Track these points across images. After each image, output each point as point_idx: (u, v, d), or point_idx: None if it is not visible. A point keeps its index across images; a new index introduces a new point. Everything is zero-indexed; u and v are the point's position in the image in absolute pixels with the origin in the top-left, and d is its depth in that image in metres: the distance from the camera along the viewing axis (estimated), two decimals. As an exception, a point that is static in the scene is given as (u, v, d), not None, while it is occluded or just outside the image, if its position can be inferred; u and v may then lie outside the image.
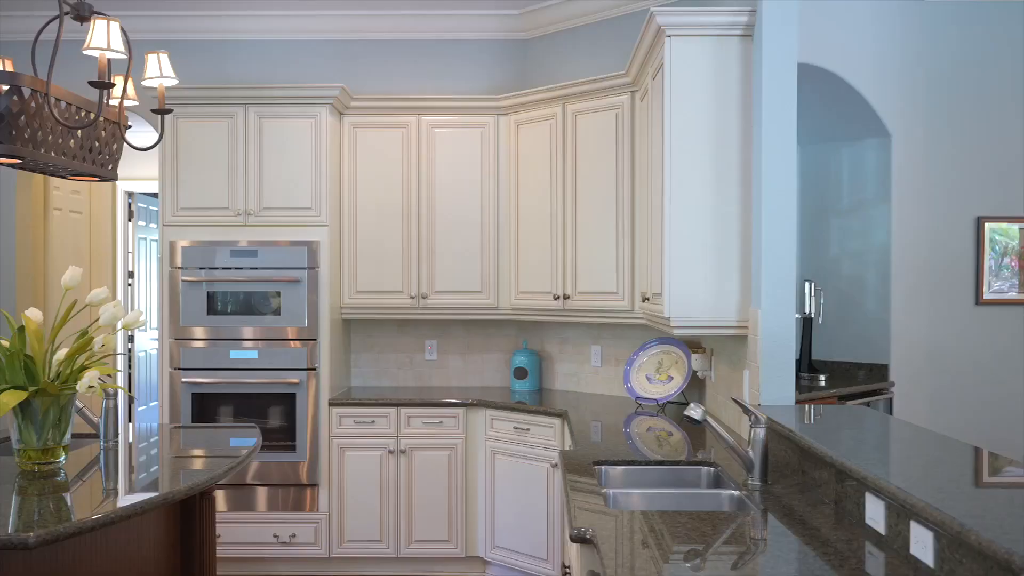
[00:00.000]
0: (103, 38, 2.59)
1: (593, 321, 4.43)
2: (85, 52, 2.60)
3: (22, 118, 2.56)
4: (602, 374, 4.78)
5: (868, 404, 4.74)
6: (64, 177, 3.09)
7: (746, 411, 2.63)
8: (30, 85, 2.57)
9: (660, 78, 3.44)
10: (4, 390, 2.64)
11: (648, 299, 3.75)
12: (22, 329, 2.75)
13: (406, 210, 4.80)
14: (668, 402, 4.27)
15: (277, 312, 4.53)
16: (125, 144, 5.50)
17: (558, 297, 4.51)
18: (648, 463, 2.92)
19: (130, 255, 8.29)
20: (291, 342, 4.54)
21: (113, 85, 2.67)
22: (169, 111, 3.08)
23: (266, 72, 5.08)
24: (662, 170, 3.38)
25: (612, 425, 3.72)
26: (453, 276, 4.79)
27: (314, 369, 4.55)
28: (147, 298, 9.52)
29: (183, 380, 4.53)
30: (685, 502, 2.59)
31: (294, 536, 4.54)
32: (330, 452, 4.55)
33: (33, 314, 2.86)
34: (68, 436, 2.79)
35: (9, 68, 3.04)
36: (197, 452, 3.17)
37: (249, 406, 4.54)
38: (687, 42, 3.30)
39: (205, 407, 4.55)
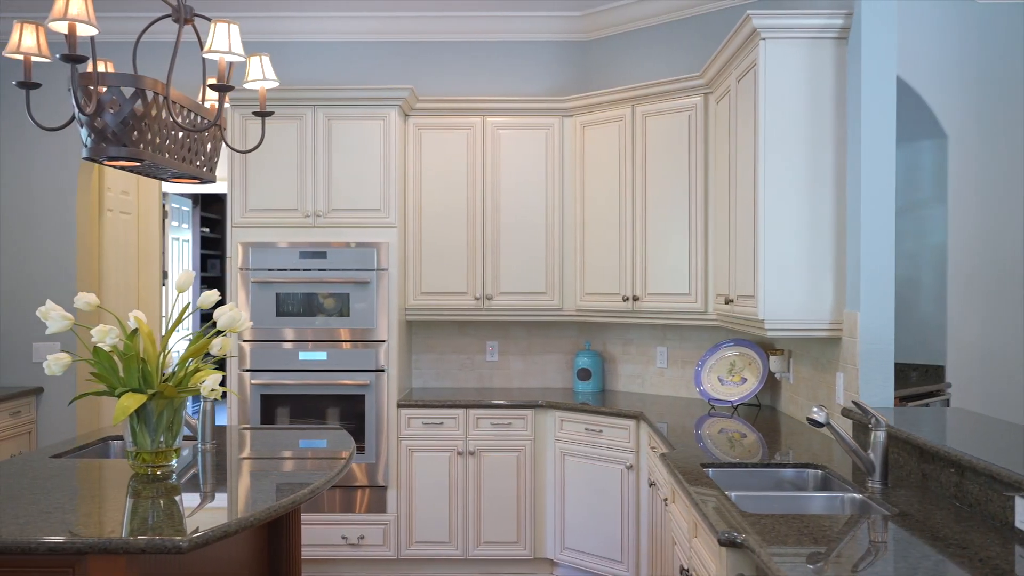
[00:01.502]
0: (224, 41, 2.58)
1: (661, 323, 4.43)
2: (205, 56, 2.60)
3: (144, 121, 2.56)
4: (667, 375, 4.78)
5: (927, 405, 4.75)
6: (165, 179, 3.09)
7: (865, 413, 2.64)
8: (151, 88, 2.57)
9: (751, 80, 3.44)
10: (123, 393, 2.64)
11: (732, 301, 3.75)
12: (135, 332, 2.75)
13: (470, 211, 4.80)
14: (741, 404, 4.27)
15: (346, 314, 4.53)
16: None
17: (627, 299, 4.51)
18: (754, 465, 2.93)
19: (162, 255, 8.30)
20: (360, 343, 4.54)
21: (233, 88, 2.66)
22: (270, 113, 3.08)
23: (328, 73, 5.08)
24: (754, 172, 3.38)
25: (691, 427, 3.72)
26: (518, 277, 4.80)
27: (383, 371, 4.54)
28: (183, 298, 9.52)
29: (252, 382, 4.53)
30: (810, 505, 2.59)
31: (363, 538, 4.54)
32: (399, 454, 4.56)
33: (140, 315, 2.86)
34: (180, 439, 2.79)
35: (111, 70, 3.03)
36: (303, 453, 3.17)
37: (318, 408, 4.54)
38: (781, 44, 3.30)
39: (274, 408, 4.55)
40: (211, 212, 11.60)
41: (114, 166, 2.68)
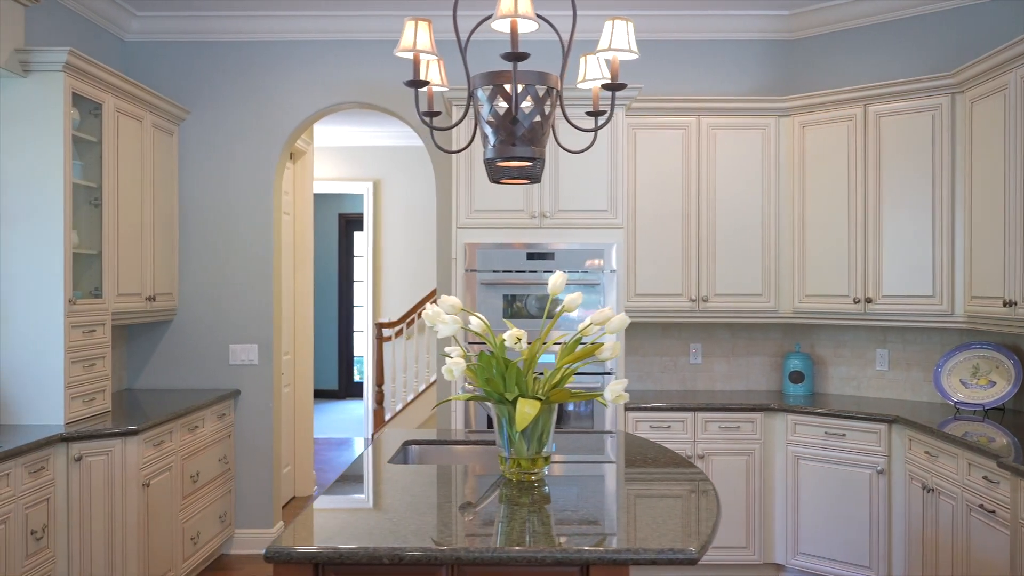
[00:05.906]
0: (623, 39, 2.53)
1: (883, 324, 4.39)
2: (599, 54, 2.55)
3: (548, 120, 2.50)
4: (888, 378, 4.72)
5: None
6: (496, 181, 3.03)
7: None
8: (554, 85, 2.51)
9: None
10: (515, 399, 2.59)
11: (1013, 304, 3.69)
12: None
13: (685, 211, 4.75)
14: (992, 408, 4.21)
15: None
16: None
17: (858, 300, 4.46)
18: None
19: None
20: (588, 346, 4.48)
21: (625, 86, 2.61)
22: (602, 113, 3.02)
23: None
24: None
25: (952, 432, 3.66)
26: (733, 279, 4.74)
27: (610, 373, 4.49)
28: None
29: (477, 384, 4.47)
30: None
31: (589, 542, 4.48)
32: (626, 457, 4.50)
33: (482, 318, 2.81)
34: (551, 446, 2.74)
35: (441, 68, 2.97)
36: (605, 457, 3.12)
37: (544, 411, 4.48)
38: (1103, 43, 3.26)
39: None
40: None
41: (502, 166, 2.63)
